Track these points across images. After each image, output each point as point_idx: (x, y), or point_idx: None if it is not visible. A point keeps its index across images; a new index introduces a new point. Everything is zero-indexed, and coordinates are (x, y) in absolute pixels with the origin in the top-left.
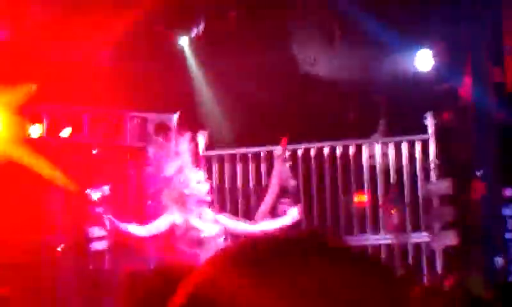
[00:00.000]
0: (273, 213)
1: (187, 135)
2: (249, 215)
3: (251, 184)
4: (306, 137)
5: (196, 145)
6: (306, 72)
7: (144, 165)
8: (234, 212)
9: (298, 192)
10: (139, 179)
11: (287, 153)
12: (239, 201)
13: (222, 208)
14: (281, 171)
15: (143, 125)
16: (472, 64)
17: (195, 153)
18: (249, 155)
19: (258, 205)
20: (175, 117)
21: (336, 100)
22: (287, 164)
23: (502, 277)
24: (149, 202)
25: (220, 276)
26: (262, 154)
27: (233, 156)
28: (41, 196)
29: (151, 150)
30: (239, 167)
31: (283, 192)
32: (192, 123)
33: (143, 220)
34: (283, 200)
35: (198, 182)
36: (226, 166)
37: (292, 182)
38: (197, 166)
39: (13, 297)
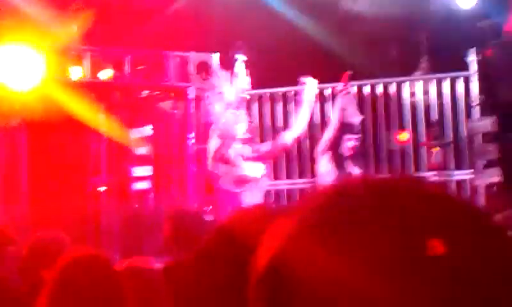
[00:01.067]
0: (335, 149)
1: (229, 74)
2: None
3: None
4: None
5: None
6: (348, 9)
7: (188, 104)
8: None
9: (362, 127)
10: (182, 118)
11: (352, 89)
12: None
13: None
14: (343, 107)
15: (184, 64)
16: None
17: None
18: (291, 93)
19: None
20: (216, 56)
21: (377, 38)
22: (351, 100)
23: None
24: (193, 142)
25: (301, 245)
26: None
27: (273, 95)
28: (84, 137)
29: (193, 89)
30: (279, 107)
31: (348, 128)
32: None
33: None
34: (348, 136)
35: (240, 121)
36: (266, 105)
37: (357, 118)
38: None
39: (61, 238)
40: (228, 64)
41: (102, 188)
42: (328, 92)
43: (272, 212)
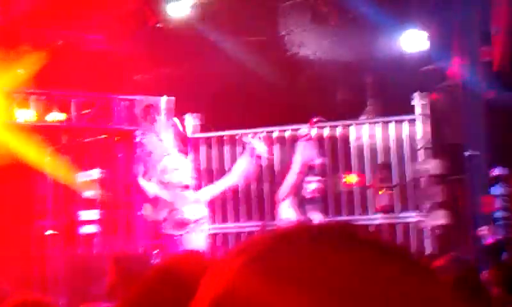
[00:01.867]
0: (297, 192)
1: (172, 120)
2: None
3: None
4: (294, 119)
5: (184, 128)
6: (295, 52)
7: (133, 148)
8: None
9: (324, 169)
10: (128, 162)
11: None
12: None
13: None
14: (304, 150)
15: (131, 108)
16: (460, 44)
17: (183, 136)
18: (237, 137)
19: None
20: (163, 99)
21: (323, 82)
22: (311, 143)
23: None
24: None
25: (240, 284)
26: (250, 136)
27: (220, 139)
28: (30, 180)
29: (139, 133)
30: (226, 150)
31: (311, 171)
32: (180, 105)
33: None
34: (309, 178)
35: (182, 166)
36: (214, 149)
37: (318, 160)
38: (184, 150)
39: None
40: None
41: (48, 232)
42: (275, 135)
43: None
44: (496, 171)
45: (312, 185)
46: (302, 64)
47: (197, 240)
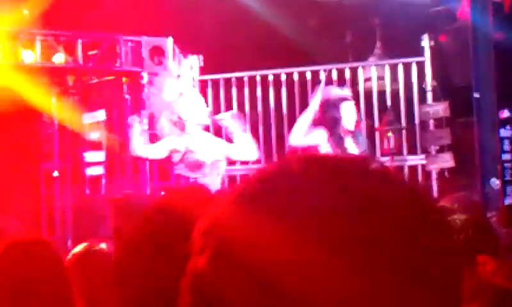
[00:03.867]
0: (332, 129)
1: (186, 59)
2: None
3: (247, 109)
4: (302, 61)
5: (191, 69)
6: None
7: (140, 90)
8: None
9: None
10: (134, 103)
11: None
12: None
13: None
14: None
15: (137, 49)
16: None
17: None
18: (244, 79)
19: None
20: (170, 40)
21: (332, 24)
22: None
23: (499, 199)
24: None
25: (229, 217)
26: (258, 78)
27: (228, 80)
28: (36, 122)
29: (146, 74)
30: (234, 92)
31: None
32: (187, 46)
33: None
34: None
35: (197, 106)
36: (222, 91)
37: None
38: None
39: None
40: (183, 48)
41: (55, 174)
42: (283, 78)
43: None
44: (505, 114)
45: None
46: (309, 6)
47: (212, 182)
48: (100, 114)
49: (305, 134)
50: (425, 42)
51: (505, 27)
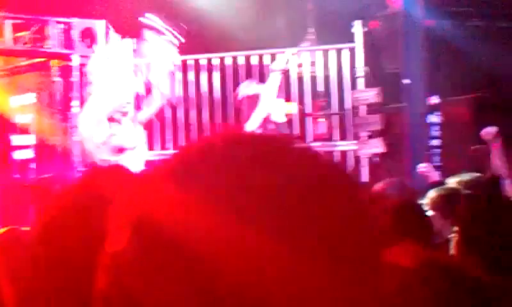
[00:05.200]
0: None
1: (121, 42)
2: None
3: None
4: (233, 47)
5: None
6: None
7: (70, 72)
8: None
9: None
10: (64, 86)
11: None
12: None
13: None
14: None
15: (68, 31)
16: None
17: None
18: (177, 64)
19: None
20: (102, 23)
21: (264, 9)
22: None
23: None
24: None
25: (158, 195)
26: (189, 62)
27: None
28: None
29: (76, 57)
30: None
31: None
32: (122, 30)
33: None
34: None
35: (125, 89)
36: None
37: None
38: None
39: None
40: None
41: None
42: (216, 62)
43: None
44: (434, 100)
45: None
46: None
47: (134, 166)
48: (29, 97)
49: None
50: (357, 28)
51: (435, 14)
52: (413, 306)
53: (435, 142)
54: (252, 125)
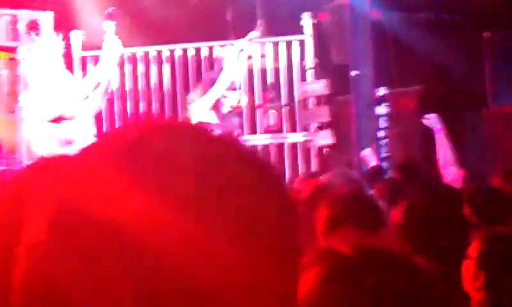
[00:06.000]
0: (218, 106)
1: (57, 36)
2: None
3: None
4: (183, 39)
5: (70, 46)
6: None
7: (16, 65)
8: (111, 117)
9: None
10: (11, 79)
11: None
12: (116, 104)
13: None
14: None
15: (14, 22)
16: None
17: (68, 54)
18: (126, 56)
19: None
20: (48, 14)
21: (212, 1)
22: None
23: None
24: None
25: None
26: (138, 55)
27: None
28: None
29: (22, 50)
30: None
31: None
32: (67, 22)
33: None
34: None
35: (71, 84)
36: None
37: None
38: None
39: None
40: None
41: None
42: (166, 54)
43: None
44: (381, 92)
45: (230, 99)
46: None
47: None
48: None
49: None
50: (306, 20)
51: (382, 6)
52: (351, 293)
53: (382, 133)
54: (200, 110)
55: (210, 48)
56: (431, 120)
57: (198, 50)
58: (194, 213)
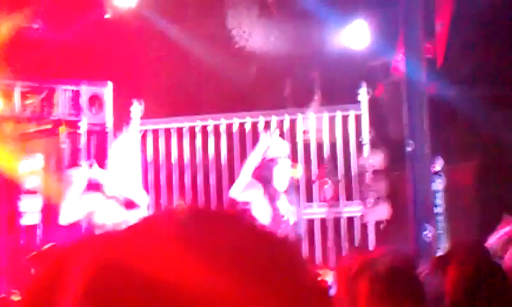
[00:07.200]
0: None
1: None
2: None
3: (186, 158)
4: (241, 111)
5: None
6: (243, 45)
7: (77, 138)
8: (168, 187)
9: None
10: (71, 152)
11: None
12: (174, 176)
13: (156, 183)
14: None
15: (76, 97)
16: (404, 39)
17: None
18: (185, 128)
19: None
20: (109, 89)
21: (270, 75)
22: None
23: (431, 251)
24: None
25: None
26: (197, 128)
27: (168, 129)
28: None
29: (84, 123)
30: (173, 141)
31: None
32: (126, 93)
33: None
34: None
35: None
36: (161, 140)
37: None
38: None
39: None
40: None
41: None
42: (223, 128)
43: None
44: (437, 166)
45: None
46: (250, 56)
47: None
48: (38, 162)
49: (244, 189)
50: (363, 94)
51: (437, 81)
52: None
53: (439, 208)
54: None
55: (268, 121)
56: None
57: (255, 123)
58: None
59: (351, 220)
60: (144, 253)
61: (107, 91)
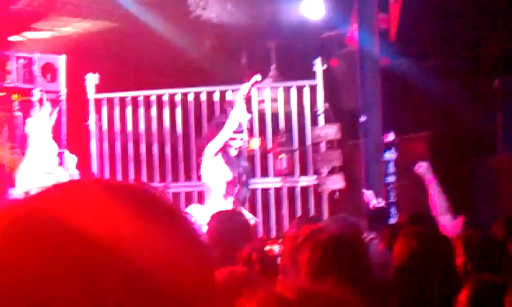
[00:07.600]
0: (226, 150)
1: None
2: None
3: (141, 129)
4: (196, 82)
5: (85, 88)
6: (198, 15)
7: (31, 107)
8: (124, 158)
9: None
10: (25, 121)
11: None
12: (129, 146)
13: (111, 154)
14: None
15: (29, 65)
16: (358, 11)
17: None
18: (139, 98)
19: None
20: (62, 58)
21: (227, 46)
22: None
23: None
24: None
25: None
26: (152, 98)
27: (123, 99)
28: None
29: (37, 91)
30: (128, 112)
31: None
32: (81, 65)
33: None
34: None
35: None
36: (116, 110)
37: (245, 117)
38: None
39: None
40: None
41: None
42: (178, 98)
43: None
44: (390, 137)
45: (237, 142)
46: (205, 27)
47: None
48: None
49: (215, 154)
50: (318, 66)
51: (390, 53)
52: None
53: (391, 178)
54: (211, 150)
55: (223, 93)
56: (422, 169)
57: (210, 93)
58: None
59: (305, 190)
60: (60, 201)
61: (61, 60)
